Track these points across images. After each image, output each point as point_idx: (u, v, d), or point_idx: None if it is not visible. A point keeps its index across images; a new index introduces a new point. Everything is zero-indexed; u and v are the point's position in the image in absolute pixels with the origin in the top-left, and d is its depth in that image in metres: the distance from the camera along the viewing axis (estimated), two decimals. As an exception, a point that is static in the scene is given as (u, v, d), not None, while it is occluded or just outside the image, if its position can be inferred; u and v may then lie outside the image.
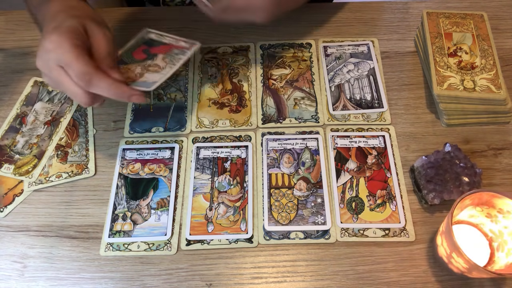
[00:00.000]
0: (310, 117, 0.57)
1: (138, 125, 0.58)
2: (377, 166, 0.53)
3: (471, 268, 0.40)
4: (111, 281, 0.48)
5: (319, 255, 0.48)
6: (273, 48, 0.64)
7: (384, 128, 0.56)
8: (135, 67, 0.52)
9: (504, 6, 0.67)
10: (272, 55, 0.63)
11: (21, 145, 0.57)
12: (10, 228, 0.51)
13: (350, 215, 0.50)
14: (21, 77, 0.63)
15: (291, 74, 0.61)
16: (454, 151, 0.50)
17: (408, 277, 0.47)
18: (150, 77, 0.51)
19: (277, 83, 0.61)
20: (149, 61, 0.53)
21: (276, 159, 0.54)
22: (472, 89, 0.53)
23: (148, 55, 0.54)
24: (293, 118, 0.57)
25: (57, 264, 0.49)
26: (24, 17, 0.69)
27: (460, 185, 0.48)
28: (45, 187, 0.54)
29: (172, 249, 0.49)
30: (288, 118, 0.57)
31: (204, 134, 0.57)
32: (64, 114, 0.59)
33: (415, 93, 0.59)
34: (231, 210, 0.51)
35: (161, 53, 0.54)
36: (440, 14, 0.60)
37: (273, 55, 0.63)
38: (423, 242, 0.48)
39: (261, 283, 0.47)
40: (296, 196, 0.52)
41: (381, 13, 0.67)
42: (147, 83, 0.50)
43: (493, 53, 0.56)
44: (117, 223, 0.51)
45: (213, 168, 0.54)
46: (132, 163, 0.55)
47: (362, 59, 0.62)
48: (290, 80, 0.61)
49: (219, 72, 0.62)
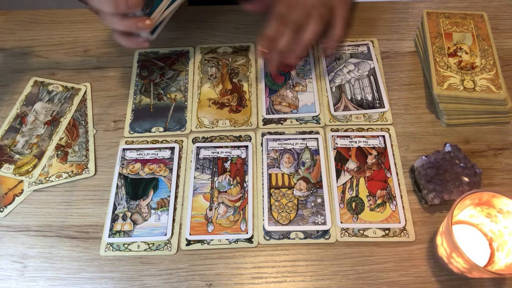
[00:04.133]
0: (311, 118, 0.57)
1: (138, 125, 0.58)
2: (377, 166, 0.53)
3: (471, 268, 0.40)
4: (111, 281, 0.48)
5: (319, 255, 0.48)
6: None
7: (384, 128, 0.56)
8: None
9: (504, 6, 0.67)
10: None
11: (21, 145, 0.57)
12: (10, 228, 0.51)
13: (350, 215, 0.50)
14: (21, 77, 0.63)
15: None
16: (454, 151, 0.50)
17: (408, 277, 0.47)
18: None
19: None
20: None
21: (276, 159, 0.54)
22: (472, 89, 0.53)
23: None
24: (294, 120, 0.57)
25: (57, 264, 0.49)
26: (24, 17, 0.69)
27: (460, 185, 0.48)
28: (45, 187, 0.54)
29: (172, 249, 0.49)
30: (289, 120, 0.57)
31: (204, 134, 0.57)
32: (64, 114, 0.59)
33: (415, 93, 0.59)
34: (231, 210, 0.51)
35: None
36: (440, 14, 0.60)
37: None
38: (423, 242, 0.49)
39: (261, 283, 0.47)
40: (296, 196, 0.52)
41: (381, 13, 0.67)
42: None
43: (493, 53, 0.56)
44: (117, 223, 0.51)
45: (213, 168, 0.54)
46: (132, 163, 0.55)
47: (362, 59, 0.62)
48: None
49: (219, 72, 0.62)
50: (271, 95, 0.59)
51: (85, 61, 0.64)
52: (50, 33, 0.67)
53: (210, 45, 0.65)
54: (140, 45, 0.54)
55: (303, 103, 0.58)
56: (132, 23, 0.50)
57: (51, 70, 0.63)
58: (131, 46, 0.54)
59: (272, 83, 0.60)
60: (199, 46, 0.65)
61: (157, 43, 0.64)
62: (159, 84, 0.61)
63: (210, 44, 0.65)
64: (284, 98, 0.59)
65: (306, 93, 0.59)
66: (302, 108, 0.58)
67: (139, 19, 0.50)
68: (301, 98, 0.59)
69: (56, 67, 0.64)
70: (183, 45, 0.65)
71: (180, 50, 0.65)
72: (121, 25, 0.50)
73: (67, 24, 0.68)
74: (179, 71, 0.63)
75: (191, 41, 0.65)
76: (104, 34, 0.66)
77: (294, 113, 0.58)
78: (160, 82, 0.62)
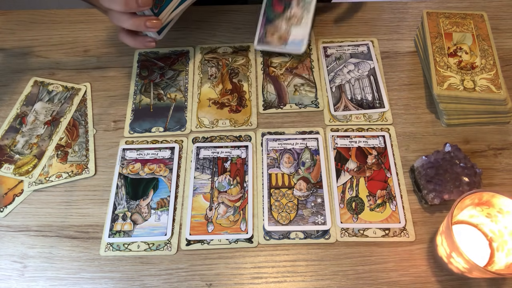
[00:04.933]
0: (310, 103, 0.58)
1: (138, 125, 0.58)
2: (377, 166, 0.53)
3: (471, 268, 0.40)
4: (111, 281, 0.48)
5: (319, 255, 0.48)
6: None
7: (384, 128, 0.56)
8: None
9: (504, 6, 0.67)
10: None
11: (21, 145, 0.57)
12: (10, 228, 0.51)
13: (350, 215, 0.50)
14: (21, 77, 0.63)
15: (291, 62, 0.63)
16: (454, 151, 0.50)
17: (408, 277, 0.47)
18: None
19: (277, 71, 0.62)
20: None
21: (276, 159, 0.54)
22: (472, 89, 0.53)
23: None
24: (294, 104, 0.58)
25: (57, 264, 0.49)
26: (24, 17, 0.69)
27: (460, 185, 0.48)
28: (45, 187, 0.54)
29: (172, 249, 0.49)
30: (288, 104, 0.58)
31: (204, 134, 0.57)
32: (64, 114, 0.59)
33: (415, 93, 0.59)
34: (231, 210, 0.51)
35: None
36: (440, 14, 0.60)
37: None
38: (423, 242, 0.49)
39: (261, 283, 0.47)
40: (296, 196, 0.52)
41: (381, 13, 0.67)
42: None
43: (493, 53, 0.56)
44: (117, 223, 0.51)
45: (213, 168, 0.54)
46: (132, 163, 0.55)
47: (362, 59, 0.62)
48: (290, 67, 0.62)
49: (219, 72, 0.62)
50: (266, 24, 0.60)
51: (85, 61, 0.64)
52: (50, 33, 0.67)
53: (210, 45, 0.65)
54: (147, 46, 0.54)
55: (292, 38, 0.59)
56: (141, 22, 0.50)
57: (51, 70, 0.63)
58: (138, 46, 0.54)
59: (270, 10, 0.60)
60: (199, 46, 0.65)
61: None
62: (159, 84, 0.61)
63: (210, 44, 0.65)
64: (278, 29, 0.59)
65: (299, 27, 0.59)
66: (290, 43, 0.59)
67: (148, 18, 0.50)
68: (293, 33, 0.59)
69: (56, 67, 0.64)
70: (183, 45, 0.65)
71: (180, 50, 0.65)
72: (129, 24, 0.50)
73: (67, 24, 0.68)
74: (179, 71, 0.63)
75: (191, 41, 0.65)
76: (104, 34, 0.66)
77: (282, 49, 0.59)
78: (160, 82, 0.62)
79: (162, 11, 0.53)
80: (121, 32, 0.53)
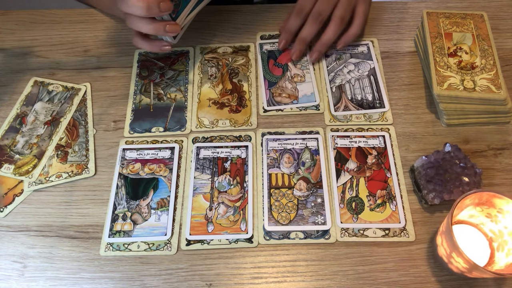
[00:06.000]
0: (311, 106, 0.58)
1: (138, 125, 0.58)
2: (377, 166, 0.53)
3: (471, 268, 0.40)
4: (111, 281, 0.48)
5: (319, 255, 0.48)
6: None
7: (384, 128, 0.56)
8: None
9: (504, 6, 0.67)
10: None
11: (21, 145, 0.57)
12: (10, 228, 0.51)
13: (350, 215, 0.50)
14: (21, 77, 0.63)
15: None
16: (454, 151, 0.50)
17: (408, 277, 0.47)
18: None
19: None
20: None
21: (276, 159, 0.54)
22: (472, 89, 0.53)
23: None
24: (294, 107, 0.58)
25: (57, 264, 0.49)
26: (24, 17, 0.69)
27: (460, 185, 0.48)
28: (45, 187, 0.54)
29: (172, 249, 0.49)
30: (289, 106, 0.59)
31: (204, 134, 0.57)
32: (64, 114, 0.59)
33: (415, 93, 0.59)
34: (231, 210, 0.51)
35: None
36: (440, 14, 0.60)
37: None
38: (423, 242, 0.49)
39: (261, 283, 0.47)
40: (296, 196, 0.52)
41: (380, 13, 0.67)
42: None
43: (493, 53, 0.56)
44: (117, 223, 0.51)
45: (213, 168, 0.54)
46: (132, 163, 0.55)
47: (362, 59, 0.62)
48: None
49: (219, 72, 0.62)
50: (270, 87, 0.60)
51: (85, 61, 0.64)
52: (50, 33, 0.67)
53: (210, 45, 0.65)
54: (163, 50, 0.55)
55: (303, 93, 0.59)
56: (160, 26, 0.51)
57: (51, 70, 0.63)
58: (154, 50, 0.56)
59: (270, 75, 0.61)
60: (199, 46, 0.65)
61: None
62: (159, 84, 0.61)
63: (210, 44, 0.65)
64: (284, 89, 0.59)
65: (305, 83, 0.60)
66: (302, 98, 0.59)
67: (167, 22, 0.51)
68: (301, 89, 0.60)
69: (56, 67, 0.64)
70: (183, 45, 0.65)
71: (180, 50, 0.65)
72: (148, 28, 0.51)
73: (67, 24, 0.68)
74: (179, 71, 0.63)
75: (191, 41, 0.65)
76: (104, 34, 0.66)
77: (295, 103, 0.58)
78: (160, 82, 0.62)
79: (179, 15, 0.54)
80: (137, 36, 0.54)
